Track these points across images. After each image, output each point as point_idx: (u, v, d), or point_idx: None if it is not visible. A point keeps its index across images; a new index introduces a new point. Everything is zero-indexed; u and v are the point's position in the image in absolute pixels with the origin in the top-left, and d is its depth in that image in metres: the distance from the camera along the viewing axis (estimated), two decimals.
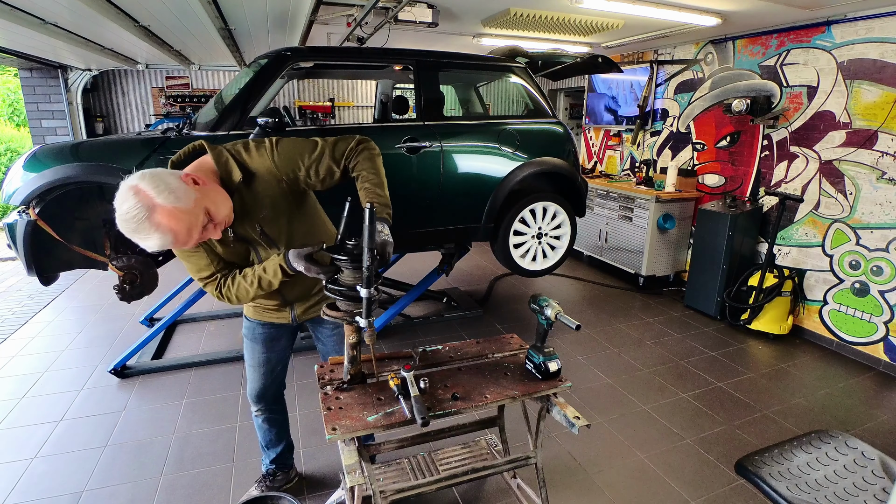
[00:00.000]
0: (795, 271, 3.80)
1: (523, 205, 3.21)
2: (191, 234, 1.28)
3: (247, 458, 2.31)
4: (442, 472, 1.92)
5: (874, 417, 2.78)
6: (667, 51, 4.92)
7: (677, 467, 2.31)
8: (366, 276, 1.32)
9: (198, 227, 1.29)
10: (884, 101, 3.22)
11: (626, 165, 5.63)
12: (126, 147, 2.49)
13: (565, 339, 3.59)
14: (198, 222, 1.28)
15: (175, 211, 1.22)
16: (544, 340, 1.61)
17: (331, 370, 1.62)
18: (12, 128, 9.89)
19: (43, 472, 2.21)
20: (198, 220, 1.28)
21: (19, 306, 4.12)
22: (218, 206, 1.33)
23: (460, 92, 4.11)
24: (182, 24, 3.71)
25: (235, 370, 3.09)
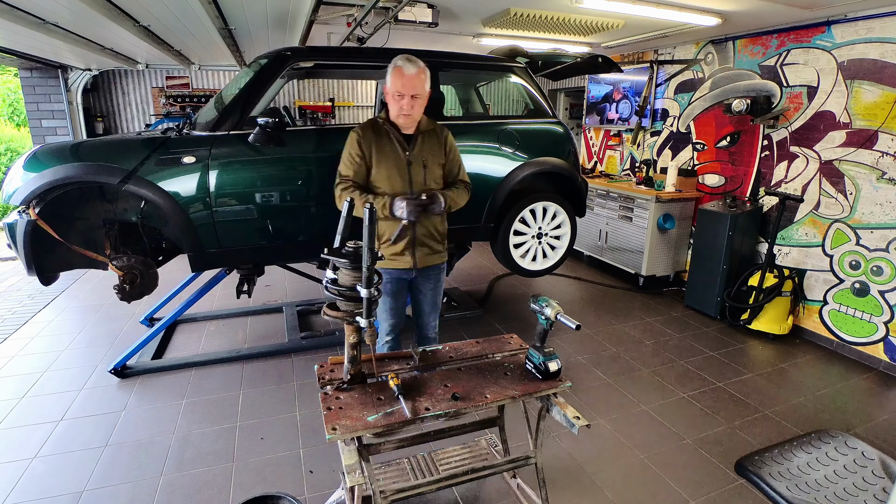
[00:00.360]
0: (795, 271, 3.80)
1: (523, 205, 3.20)
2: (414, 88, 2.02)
3: (247, 458, 2.31)
4: (442, 472, 1.92)
5: (874, 417, 2.78)
6: (667, 51, 4.92)
7: (677, 467, 2.31)
8: (365, 275, 1.32)
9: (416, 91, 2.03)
10: (884, 101, 3.22)
11: (626, 165, 5.63)
12: (126, 147, 2.49)
13: (565, 339, 3.59)
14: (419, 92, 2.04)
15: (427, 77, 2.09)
16: (544, 340, 1.61)
17: (331, 370, 1.62)
18: (12, 128, 9.89)
19: (43, 472, 2.21)
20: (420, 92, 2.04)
21: (19, 306, 4.12)
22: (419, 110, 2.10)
23: (460, 92, 4.11)
24: (182, 24, 3.71)
25: (235, 370, 3.10)
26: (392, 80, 2.02)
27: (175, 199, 2.48)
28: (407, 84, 2.00)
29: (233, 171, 2.58)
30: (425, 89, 2.06)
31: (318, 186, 2.76)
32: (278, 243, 2.78)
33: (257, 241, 2.73)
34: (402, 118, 2.08)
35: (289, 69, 2.74)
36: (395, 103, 2.05)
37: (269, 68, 2.68)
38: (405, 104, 2.04)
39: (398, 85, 2.01)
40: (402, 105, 2.04)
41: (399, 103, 2.04)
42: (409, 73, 2.00)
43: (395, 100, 2.04)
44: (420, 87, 2.03)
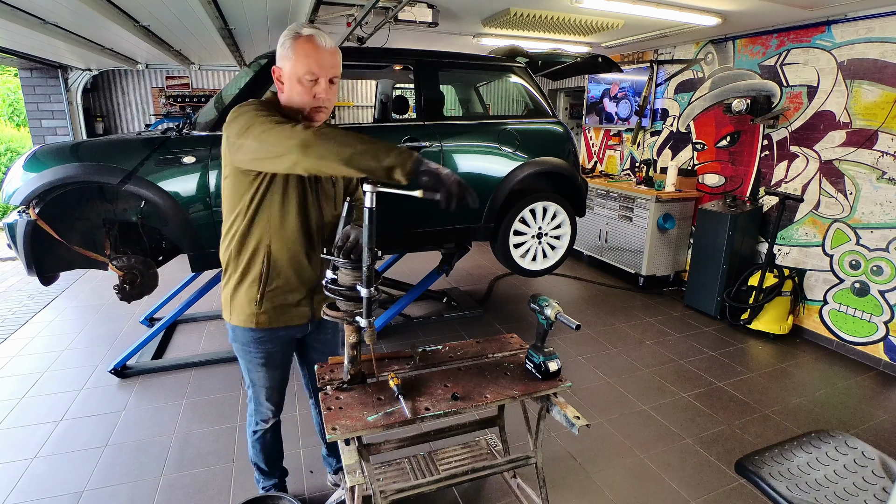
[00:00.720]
0: (795, 271, 3.80)
1: (523, 205, 3.20)
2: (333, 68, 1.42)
3: (247, 458, 2.30)
4: (442, 472, 1.92)
5: (874, 417, 2.78)
6: (667, 51, 4.92)
7: (677, 467, 2.31)
8: (366, 275, 1.32)
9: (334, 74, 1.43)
10: (884, 101, 3.22)
11: (626, 165, 5.63)
12: (126, 147, 2.49)
13: (565, 339, 3.59)
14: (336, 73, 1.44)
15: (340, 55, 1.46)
16: (544, 340, 1.61)
17: (331, 370, 1.62)
18: (12, 128, 9.89)
19: (43, 472, 2.21)
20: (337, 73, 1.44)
21: (19, 306, 4.12)
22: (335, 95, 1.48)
23: (460, 92, 4.11)
24: (182, 24, 3.71)
25: (235, 370, 3.09)
26: (299, 57, 1.38)
27: (175, 198, 2.47)
28: (325, 62, 1.39)
29: None
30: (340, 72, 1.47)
31: None
32: None
33: None
34: (315, 113, 1.45)
35: None
36: (305, 91, 1.41)
37: (269, 68, 2.68)
38: (321, 91, 1.41)
39: (312, 64, 1.38)
40: (316, 93, 1.41)
41: (311, 90, 1.41)
42: (323, 44, 1.39)
43: (302, 86, 1.40)
44: (339, 66, 1.45)
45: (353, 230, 1.39)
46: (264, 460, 1.89)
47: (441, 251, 3.65)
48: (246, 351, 1.64)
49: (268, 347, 1.63)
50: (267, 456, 1.89)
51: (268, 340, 1.61)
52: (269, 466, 1.92)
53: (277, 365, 1.69)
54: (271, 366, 1.68)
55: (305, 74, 1.39)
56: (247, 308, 1.54)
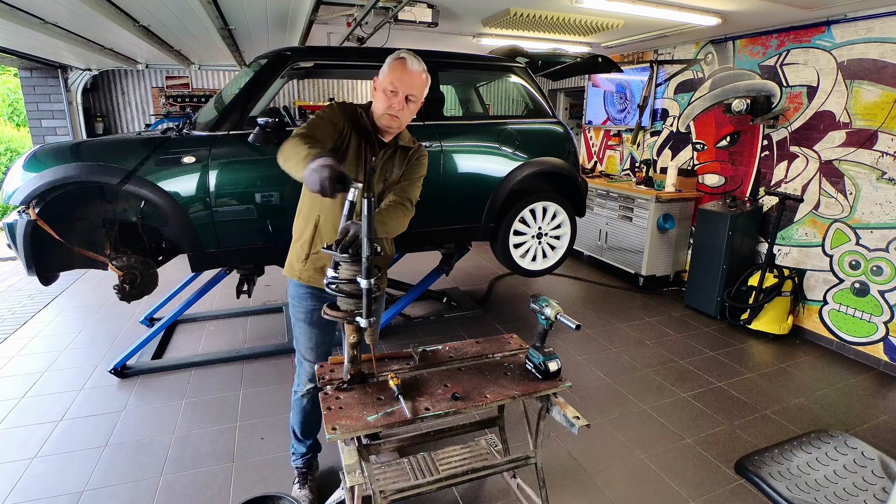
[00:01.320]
0: (795, 271, 3.80)
1: (523, 205, 3.20)
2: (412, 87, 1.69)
3: (247, 457, 2.31)
4: (442, 472, 1.92)
5: (874, 417, 2.78)
6: (667, 51, 4.92)
7: (677, 467, 2.31)
8: (365, 266, 1.32)
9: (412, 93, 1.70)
10: (884, 101, 3.22)
11: (626, 165, 5.63)
12: (126, 147, 2.49)
13: (565, 339, 3.59)
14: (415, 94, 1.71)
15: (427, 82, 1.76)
16: (544, 340, 1.61)
17: (331, 370, 1.62)
18: (12, 128, 9.89)
19: (43, 472, 2.21)
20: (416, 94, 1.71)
21: (19, 306, 4.12)
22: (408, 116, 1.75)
23: (460, 92, 4.11)
24: (182, 24, 3.71)
25: (235, 370, 3.10)
26: (389, 71, 1.68)
27: (175, 198, 2.47)
28: (406, 80, 1.67)
29: (233, 171, 2.58)
30: (422, 94, 1.74)
31: None
32: (278, 243, 2.78)
33: (257, 241, 2.73)
34: (387, 118, 1.71)
35: (289, 69, 2.74)
36: (384, 99, 1.69)
37: (269, 68, 2.68)
38: (396, 103, 1.68)
39: (395, 78, 1.67)
40: (392, 103, 1.68)
41: (389, 100, 1.68)
42: (412, 68, 1.67)
43: (385, 95, 1.68)
44: (419, 88, 1.71)
45: (353, 226, 1.42)
46: (300, 424, 2.00)
47: (441, 251, 3.65)
48: (293, 304, 1.87)
49: (309, 304, 1.82)
50: (303, 420, 1.99)
51: (309, 297, 1.82)
52: (304, 433, 2.02)
53: (316, 324, 1.85)
54: (311, 323, 1.85)
55: (388, 86, 1.67)
56: (296, 264, 1.81)
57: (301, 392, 1.94)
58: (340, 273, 1.40)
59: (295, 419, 2.01)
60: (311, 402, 1.94)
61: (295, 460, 2.09)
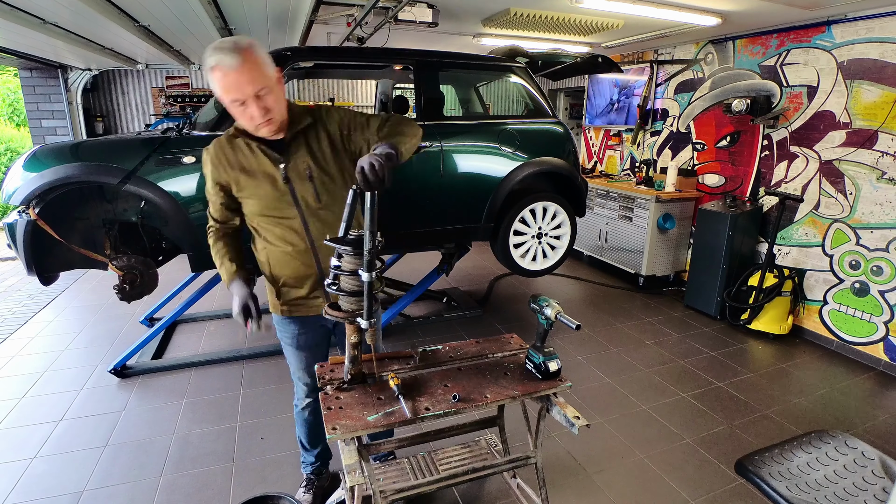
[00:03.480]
0: (795, 271, 3.80)
1: (523, 205, 3.20)
2: (251, 83, 1.37)
3: (247, 458, 2.31)
4: (442, 471, 1.92)
5: (874, 417, 2.78)
6: (667, 51, 4.92)
7: (677, 467, 2.31)
8: (367, 259, 1.32)
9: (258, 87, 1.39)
10: (884, 101, 3.22)
11: (626, 165, 5.63)
12: (126, 147, 2.49)
13: (565, 339, 3.59)
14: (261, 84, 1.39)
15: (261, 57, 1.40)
16: (544, 340, 1.61)
17: (331, 370, 1.62)
18: (12, 128, 9.89)
19: (43, 472, 2.21)
20: (263, 83, 1.40)
21: (19, 306, 4.12)
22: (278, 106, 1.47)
23: (460, 92, 4.11)
24: (182, 24, 3.71)
25: (235, 370, 3.10)
26: (217, 86, 1.38)
27: (175, 198, 2.47)
28: (238, 84, 1.36)
29: None
30: (268, 76, 1.41)
31: None
32: None
33: None
34: (263, 129, 1.47)
35: (289, 69, 2.74)
36: (240, 114, 1.44)
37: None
38: (255, 111, 1.41)
39: (229, 90, 1.38)
40: (250, 114, 1.42)
41: (246, 113, 1.42)
42: (229, 65, 1.34)
43: (237, 110, 1.43)
44: (259, 77, 1.38)
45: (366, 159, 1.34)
46: (305, 436, 2.02)
47: (441, 251, 3.65)
48: (279, 331, 1.83)
49: (294, 329, 1.79)
50: (308, 431, 2.00)
51: (291, 322, 1.78)
52: (310, 443, 2.03)
53: (303, 347, 1.81)
54: (298, 347, 1.81)
55: (228, 101, 1.41)
56: (273, 300, 1.76)
57: (301, 405, 1.94)
58: (343, 265, 1.40)
59: (300, 430, 2.01)
60: (312, 414, 1.94)
61: (305, 468, 2.10)
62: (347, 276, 1.40)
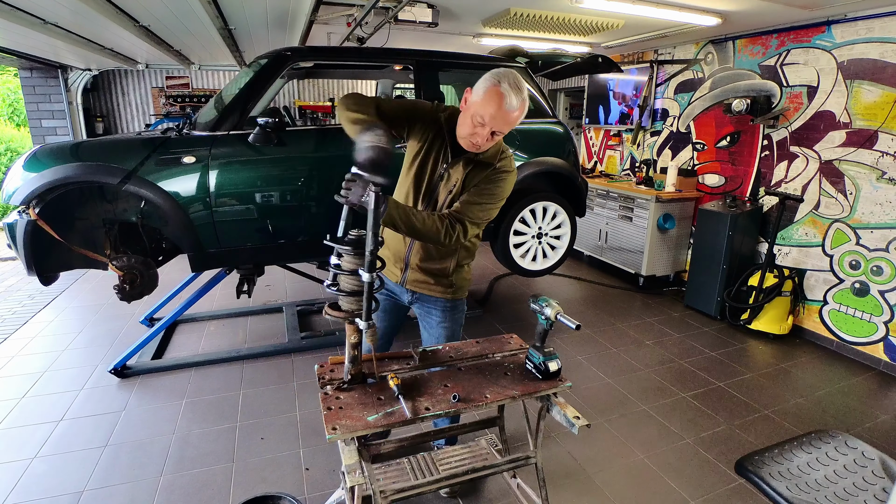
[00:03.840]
0: (795, 271, 3.80)
1: (523, 205, 3.21)
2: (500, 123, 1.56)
3: (247, 458, 2.31)
4: (442, 472, 1.92)
5: (874, 417, 2.78)
6: (667, 51, 4.92)
7: (677, 467, 2.31)
8: (368, 259, 1.32)
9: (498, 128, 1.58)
10: (884, 101, 3.22)
11: (626, 165, 5.63)
12: (126, 147, 2.49)
13: (565, 339, 3.59)
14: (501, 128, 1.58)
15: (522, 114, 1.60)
16: (544, 340, 1.61)
17: (331, 370, 1.62)
18: (12, 128, 9.89)
19: (43, 472, 2.21)
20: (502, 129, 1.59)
21: (19, 306, 4.12)
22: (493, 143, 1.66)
23: (460, 92, 4.10)
24: (182, 24, 3.71)
25: (235, 370, 3.10)
26: (484, 101, 1.54)
27: (175, 199, 2.48)
28: (498, 118, 1.55)
29: (233, 171, 2.58)
30: (512, 126, 1.61)
31: (318, 186, 2.76)
32: (278, 243, 2.78)
33: (257, 241, 2.73)
34: (467, 142, 1.63)
35: (289, 69, 2.74)
36: (470, 125, 1.59)
37: (269, 68, 2.68)
38: (481, 136, 1.59)
39: (487, 113, 1.54)
40: (476, 133, 1.58)
41: (475, 129, 1.58)
42: (508, 107, 1.53)
43: (471, 123, 1.58)
44: (509, 126, 1.59)
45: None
46: None
47: None
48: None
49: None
50: None
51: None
52: None
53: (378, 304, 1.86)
54: None
55: (478, 116, 1.56)
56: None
57: None
58: (343, 265, 1.40)
59: None
60: None
61: None
62: (347, 275, 1.40)
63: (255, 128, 2.52)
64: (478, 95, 1.56)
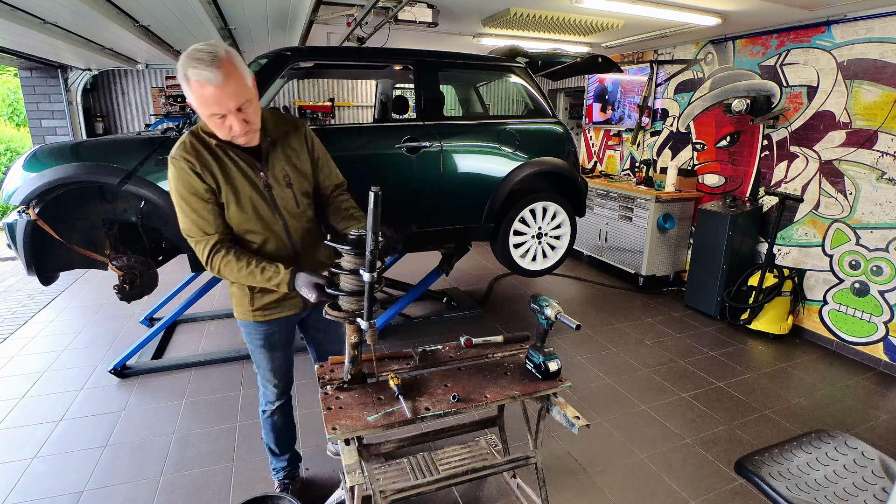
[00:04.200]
0: (795, 271, 3.80)
1: (523, 205, 3.20)
2: (234, 97, 1.35)
3: (247, 458, 2.31)
4: (442, 472, 1.92)
5: (874, 417, 2.78)
6: (667, 51, 4.92)
7: (677, 467, 2.31)
8: (369, 259, 1.32)
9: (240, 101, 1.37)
10: (884, 101, 3.22)
11: (626, 165, 5.63)
12: (126, 147, 2.49)
13: (565, 339, 3.59)
14: (244, 98, 1.37)
15: (241, 69, 1.37)
16: (544, 340, 1.61)
17: (331, 370, 1.62)
18: (12, 128, 9.89)
19: (43, 472, 2.21)
20: (245, 97, 1.38)
21: (19, 306, 4.12)
22: (256, 116, 1.45)
23: (460, 92, 4.11)
24: (182, 24, 3.71)
25: (235, 370, 3.10)
26: (197, 100, 1.34)
27: None
28: (219, 99, 1.33)
29: None
30: (248, 88, 1.39)
31: None
32: None
33: None
34: (240, 139, 1.45)
35: (289, 69, 2.73)
36: (218, 125, 1.40)
37: (269, 68, 2.67)
38: (236, 125, 1.38)
39: (208, 105, 1.34)
40: (231, 127, 1.39)
41: (224, 125, 1.39)
42: (215, 82, 1.30)
43: (215, 123, 1.39)
44: (241, 91, 1.36)
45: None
46: (274, 441, 1.97)
47: (441, 251, 3.65)
48: (247, 334, 1.77)
49: (263, 331, 1.74)
50: (276, 436, 1.96)
51: (262, 325, 1.73)
52: (279, 447, 1.99)
53: (276, 347, 1.79)
54: (270, 347, 1.77)
55: (207, 113, 1.37)
56: (243, 306, 1.70)
57: (270, 410, 1.88)
58: (343, 264, 1.40)
59: (268, 437, 1.95)
60: (281, 417, 1.91)
61: (276, 475, 2.05)
62: (347, 275, 1.40)
63: None
64: (189, 97, 1.36)
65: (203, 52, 1.31)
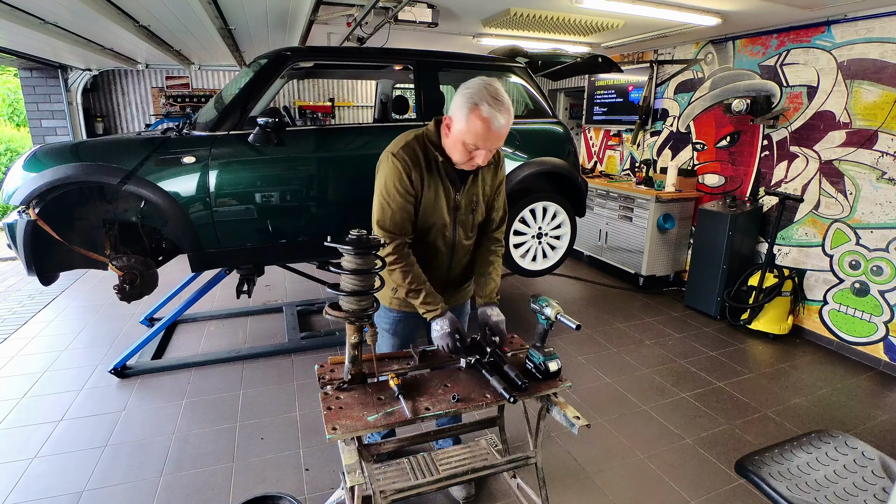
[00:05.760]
0: (795, 271, 3.80)
1: (523, 205, 3.20)
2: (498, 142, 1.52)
3: (247, 458, 2.31)
4: (442, 472, 1.92)
5: (874, 417, 2.78)
6: (667, 51, 4.92)
7: (677, 467, 2.31)
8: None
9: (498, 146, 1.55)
10: (884, 101, 3.22)
11: (626, 165, 5.63)
12: (126, 147, 2.49)
13: (565, 339, 3.59)
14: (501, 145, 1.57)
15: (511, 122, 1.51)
16: (544, 340, 1.61)
17: (331, 370, 1.62)
18: (12, 128, 9.89)
19: (43, 472, 2.21)
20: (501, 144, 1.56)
21: (19, 306, 4.12)
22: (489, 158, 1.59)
23: None
24: (182, 24, 3.71)
25: (235, 370, 3.10)
26: (469, 130, 1.46)
27: (175, 199, 2.48)
28: (491, 139, 1.48)
29: (233, 172, 2.58)
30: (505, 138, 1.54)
31: (318, 186, 2.76)
32: (278, 243, 2.78)
33: (257, 242, 2.73)
34: (466, 166, 1.59)
35: (289, 69, 2.74)
36: (463, 152, 1.52)
37: (269, 68, 2.68)
38: (481, 158, 1.53)
39: (477, 140, 1.47)
40: (473, 157, 1.53)
41: (470, 155, 1.52)
42: (496, 126, 1.45)
43: (464, 148, 1.51)
44: (504, 137, 1.52)
45: None
46: None
47: None
48: (379, 315, 1.88)
49: (394, 318, 1.88)
50: None
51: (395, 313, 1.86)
52: None
53: (399, 335, 1.92)
54: (393, 333, 1.91)
55: (470, 144, 1.50)
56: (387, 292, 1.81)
57: None
58: (344, 264, 1.40)
59: None
60: None
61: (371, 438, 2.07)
62: (348, 275, 1.40)
63: (254, 128, 2.52)
64: (461, 123, 1.47)
65: (501, 96, 1.46)
